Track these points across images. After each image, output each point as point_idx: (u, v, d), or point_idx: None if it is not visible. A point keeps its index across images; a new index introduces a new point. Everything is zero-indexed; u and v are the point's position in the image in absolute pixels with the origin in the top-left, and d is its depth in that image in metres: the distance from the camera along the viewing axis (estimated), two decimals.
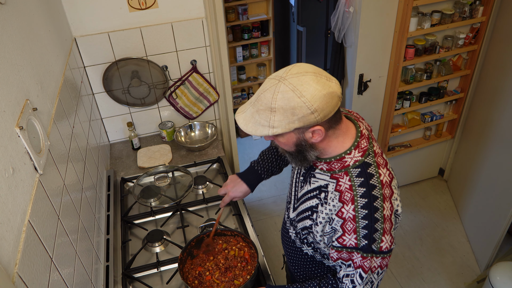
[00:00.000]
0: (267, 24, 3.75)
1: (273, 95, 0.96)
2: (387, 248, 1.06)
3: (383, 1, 2.35)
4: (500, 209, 2.40)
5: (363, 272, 1.07)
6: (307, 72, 0.97)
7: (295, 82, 0.95)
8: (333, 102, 0.97)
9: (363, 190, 1.05)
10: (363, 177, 1.06)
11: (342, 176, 1.08)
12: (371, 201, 1.04)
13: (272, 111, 0.96)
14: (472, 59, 2.72)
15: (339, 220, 1.06)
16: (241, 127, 1.03)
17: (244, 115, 1.03)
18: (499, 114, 2.49)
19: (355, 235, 1.04)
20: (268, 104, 0.97)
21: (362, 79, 2.63)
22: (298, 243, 1.32)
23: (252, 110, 1.01)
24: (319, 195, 1.13)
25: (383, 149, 2.95)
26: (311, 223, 1.18)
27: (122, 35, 2.10)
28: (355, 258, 1.06)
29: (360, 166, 1.07)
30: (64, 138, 1.39)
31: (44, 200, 1.05)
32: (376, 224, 1.04)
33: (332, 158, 1.09)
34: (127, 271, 1.59)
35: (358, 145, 1.08)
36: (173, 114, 2.42)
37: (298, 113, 0.95)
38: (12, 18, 1.11)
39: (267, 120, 0.98)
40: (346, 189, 1.06)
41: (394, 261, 2.74)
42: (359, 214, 1.04)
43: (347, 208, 1.05)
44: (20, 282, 0.81)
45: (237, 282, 1.42)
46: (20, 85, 1.06)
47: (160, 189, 1.99)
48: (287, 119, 0.96)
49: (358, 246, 1.05)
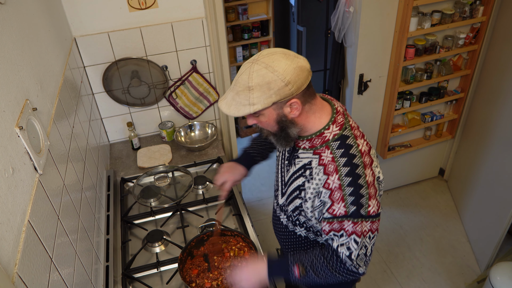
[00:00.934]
0: (267, 24, 3.75)
1: (249, 75, 1.05)
2: (375, 212, 1.15)
3: (383, 1, 2.35)
4: (501, 209, 2.40)
5: (357, 237, 1.14)
6: (276, 52, 1.08)
7: (266, 61, 1.05)
8: (303, 74, 1.06)
9: (345, 159, 1.13)
10: (343, 148, 1.15)
11: (323, 151, 1.17)
12: (353, 169, 1.12)
13: (250, 89, 1.05)
14: (472, 59, 2.72)
15: (327, 192, 1.14)
16: (224, 111, 1.11)
17: (225, 101, 1.11)
18: (499, 114, 2.49)
19: (343, 203, 1.12)
20: (245, 84, 1.06)
21: (362, 79, 2.62)
22: (291, 226, 1.37)
23: (232, 94, 1.09)
24: (304, 173, 1.21)
25: (383, 149, 2.95)
26: (300, 201, 1.25)
27: (122, 35, 2.10)
28: (347, 226, 1.14)
29: (339, 138, 1.16)
30: (64, 138, 1.39)
31: (44, 200, 1.05)
32: (361, 190, 1.12)
33: (313, 134, 1.18)
34: (127, 271, 1.59)
35: (335, 120, 1.18)
36: (173, 114, 2.42)
37: (273, 87, 1.04)
38: (12, 18, 1.11)
39: (246, 99, 1.06)
40: (329, 162, 1.15)
41: (394, 261, 2.75)
42: (344, 182, 1.12)
43: (332, 178, 1.13)
44: (20, 282, 0.81)
45: None
46: (20, 85, 1.06)
47: (160, 189, 1.98)
48: (265, 94, 1.05)
49: (347, 214, 1.12)
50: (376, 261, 2.76)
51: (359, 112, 2.75)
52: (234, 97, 1.09)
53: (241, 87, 1.07)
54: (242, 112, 1.08)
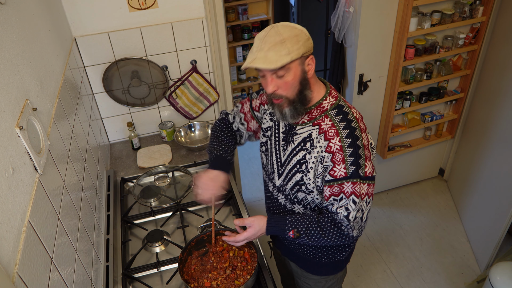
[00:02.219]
0: (267, 24, 3.76)
1: (277, 32, 1.14)
2: (371, 174, 1.24)
3: (383, 1, 2.35)
4: (500, 209, 2.40)
5: (355, 197, 1.22)
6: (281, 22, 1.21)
7: (284, 23, 1.18)
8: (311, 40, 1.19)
9: (344, 123, 1.23)
10: (341, 114, 1.25)
11: (323, 120, 1.26)
12: (352, 131, 1.22)
13: (283, 42, 1.13)
14: (472, 59, 2.72)
15: (329, 155, 1.22)
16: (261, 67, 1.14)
17: (259, 59, 1.15)
18: (499, 114, 2.49)
19: (343, 165, 1.21)
20: (277, 39, 1.13)
21: (362, 79, 2.63)
22: (289, 205, 1.42)
23: (264, 52, 1.14)
24: (304, 146, 1.29)
25: (383, 149, 2.95)
26: (301, 175, 1.31)
27: (122, 35, 2.10)
28: (346, 187, 1.22)
29: (336, 107, 1.27)
30: (64, 138, 1.39)
31: (44, 200, 1.05)
32: (359, 151, 1.21)
33: (312, 106, 1.27)
34: (127, 271, 1.59)
35: (330, 93, 1.29)
36: (173, 114, 2.42)
37: (301, 39, 1.15)
38: (12, 18, 1.11)
39: (282, 49, 1.13)
40: (329, 128, 1.24)
41: (394, 261, 2.75)
42: (344, 144, 1.21)
43: (333, 141, 1.22)
44: (20, 282, 0.81)
45: (238, 283, 1.42)
46: (20, 85, 1.06)
47: (160, 189, 1.99)
48: (296, 45, 1.14)
49: (347, 175, 1.21)
50: (376, 261, 2.76)
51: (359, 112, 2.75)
52: (266, 54, 1.13)
53: (272, 43, 1.13)
54: (281, 62, 1.12)
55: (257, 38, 1.18)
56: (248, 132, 1.55)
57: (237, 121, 1.55)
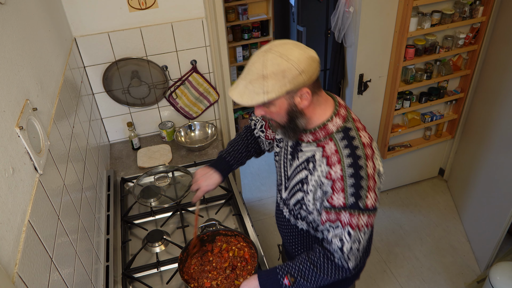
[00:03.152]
0: (267, 24, 3.75)
1: (263, 64, 1.05)
2: (372, 206, 1.16)
3: (383, 1, 2.35)
4: (500, 209, 2.40)
5: (351, 229, 1.15)
6: (288, 42, 1.10)
7: (280, 50, 1.06)
8: (314, 65, 1.08)
9: (348, 151, 1.15)
10: (346, 139, 1.16)
11: (327, 143, 1.18)
12: (355, 160, 1.14)
13: (265, 78, 1.05)
14: (472, 59, 2.72)
15: (329, 182, 1.16)
16: (236, 100, 1.09)
17: (237, 90, 1.10)
18: (499, 114, 2.49)
19: (343, 194, 1.14)
20: (259, 73, 1.05)
21: (362, 79, 2.63)
22: (293, 220, 1.39)
23: (244, 82, 1.08)
24: (307, 166, 1.23)
25: (383, 149, 2.95)
26: (302, 195, 1.27)
27: (122, 35, 2.10)
28: (343, 217, 1.15)
29: (342, 130, 1.18)
30: (64, 138, 1.39)
31: (44, 200, 1.05)
32: (362, 181, 1.13)
33: (316, 127, 1.19)
34: (127, 271, 1.59)
35: (338, 113, 1.19)
36: (173, 114, 2.42)
37: (288, 75, 1.04)
38: (12, 18, 1.11)
39: (261, 87, 1.05)
40: (332, 153, 1.16)
41: (394, 261, 2.75)
42: (346, 173, 1.13)
43: (334, 169, 1.14)
44: (20, 282, 0.81)
45: (238, 283, 1.42)
46: (20, 85, 1.06)
47: (160, 189, 1.99)
48: (279, 83, 1.05)
49: (346, 205, 1.14)
50: (376, 261, 2.76)
51: (359, 112, 2.75)
52: (246, 86, 1.08)
53: (254, 76, 1.06)
54: (256, 101, 1.07)
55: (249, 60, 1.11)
56: (267, 140, 1.53)
57: (258, 128, 1.54)
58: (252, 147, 1.56)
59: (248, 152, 1.56)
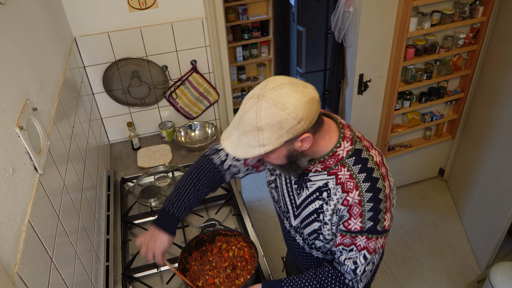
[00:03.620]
0: (267, 24, 3.76)
1: (257, 114, 0.95)
2: (389, 226, 1.12)
3: (383, 1, 2.35)
4: (500, 209, 2.40)
5: (368, 253, 1.11)
6: (284, 84, 0.97)
7: (275, 97, 0.95)
8: (314, 107, 0.98)
9: (364, 175, 1.08)
10: (360, 163, 1.09)
11: (339, 169, 1.10)
12: (373, 183, 1.08)
13: (259, 130, 0.95)
14: (472, 59, 2.72)
15: (345, 208, 1.10)
16: (230, 153, 1.01)
17: (230, 140, 1.01)
18: (499, 114, 2.49)
19: (360, 219, 1.08)
20: (253, 124, 0.95)
21: (362, 79, 2.63)
22: (307, 249, 1.32)
23: (238, 133, 0.99)
24: (321, 196, 1.15)
25: (383, 149, 2.95)
26: (319, 224, 1.19)
27: (122, 35, 2.10)
28: (359, 241, 1.10)
29: (353, 154, 1.10)
30: (64, 138, 1.39)
31: (44, 200, 1.05)
32: (380, 205, 1.08)
33: (325, 155, 1.11)
34: (127, 271, 1.59)
35: (344, 136, 1.11)
36: (173, 114, 2.42)
37: (285, 126, 0.95)
38: (12, 18, 1.11)
39: (256, 140, 0.96)
40: (346, 179, 1.09)
41: (394, 261, 2.75)
42: (364, 198, 1.07)
43: (352, 195, 1.08)
44: (20, 282, 0.81)
45: (238, 282, 1.42)
46: (20, 85, 1.06)
47: (160, 189, 1.99)
48: (276, 134, 0.95)
49: (363, 229, 1.08)
50: None
51: (359, 112, 2.76)
52: (240, 138, 0.98)
53: (248, 127, 0.96)
54: (252, 154, 0.98)
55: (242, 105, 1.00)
56: (246, 167, 1.36)
57: (230, 158, 1.35)
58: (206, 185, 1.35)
59: (200, 193, 1.35)
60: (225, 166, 1.35)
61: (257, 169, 1.38)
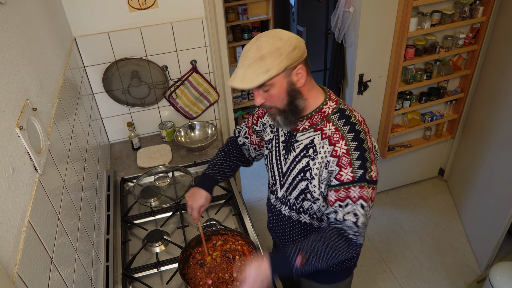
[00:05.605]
0: (267, 24, 3.76)
1: (258, 47, 1.11)
2: (376, 177, 1.22)
3: (383, 1, 2.35)
4: (500, 209, 2.40)
5: (364, 201, 1.19)
6: (274, 29, 1.18)
7: (270, 33, 1.13)
8: (302, 43, 1.15)
9: (348, 127, 1.21)
10: (343, 118, 1.23)
11: (325, 125, 1.23)
12: (357, 134, 1.20)
13: (262, 58, 1.09)
14: (472, 59, 2.72)
15: (334, 159, 1.19)
16: (238, 86, 1.12)
17: (237, 78, 1.13)
18: (499, 114, 2.49)
19: (350, 168, 1.17)
20: (256, 55, 1.10)
21: (362, 79, 2.63)
22: (295, 215, 1.39)
23: (243, 69, 1.12)
24: (307, 153, 1.26)
25: (383, 149, 2.95)
26: (306, 183, 1.28)
27: (122, 35, 2.10)
28: (353, 192, 1.18)
29: (338, 111, 1.24)
30: (64, 138, 1.39)
31: (44, 200, 1.05)
32: (366, 154, 1.19)
33: (313, 112, 1.24)
34: (127, 271, 1.59)
35: (330, 97, 1.27)
36: (173, 114, 2.42)
37: (283, 52, 1.09)
38: (12, 18, 1.11)
39: (260, 67, 1.10)
40: (332, 133, 1.21)
41: (394, 261, 2.75)
42: (351, 147, 1.18)
43: (339, 145, 1.19)
44: (20, 282, 0.81)
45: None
46: (20, 85, 1.06)
47: (160, 189, 1.99)
48: (277, 60, 1.09)
49: (354, 179, 1.17)
50: (376, 261, 2.76)
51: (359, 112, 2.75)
52: (246, 71, 1.11)
53: (251, 59, 1.10)
54: (258, 81, 1.10)
55: (242, 52, 1.17)
56: (252, 146, 1.54)
57: (242, 135, 1.56)
58: (235, 156, 1.56)
59: (231, 162, 1.55)
60: (240, 142, 1.57)
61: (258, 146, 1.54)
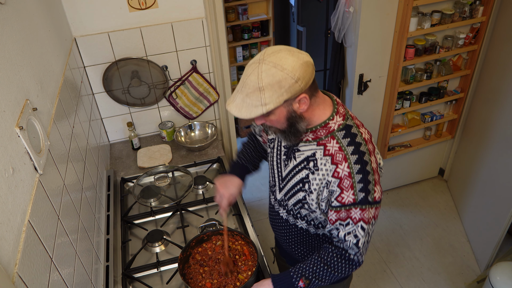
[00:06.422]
0: (267, 24, 3.75)
1: (258, 76, 1.05)
2: (379, 198, 1.19)
3: (383, 1, 2.35)
4: (500, 209, 2.40)
5: (364, 223, 1.17)
6: (281, 50, 1.08)
7: (274, 60, 1.06)
8: (309, 70, 1.08)
9: (352, 148, 1.16)
10: (349, 137, 1.18)
11: (329, 141, 1.19)
12: (361, 156, 1.16)
13: (261, 90, 1.05)
14: (472, 59, 2.72)
15: (336, 180, 1.16)
16: (235, 114, 1.10)
17: (235, 103, 1.10)
18: (499, 114, 2.49)
19: (352, 191, 1.15)
20: (255, 86, 1.05)
21: (362, 79, 2.63)
22: (292, 220, 1.38)
23: (241, 96, 1.08)
24: (307, 165, 1.22)
25: (383, 149, 2.95)
26: (304, 194, 1.26)
27: (122, 35, 2.10)
28: (354, 214, 1.17)
29: (344, 128, 1.19)
30: (64, 138, 1.39)
31: (44, 200, 1.05)
32: (369, 176, 1.16)
33: (318, 126, 1.19)
34: (127, 271, 1.59)
35: (337, 111, 1.21)
36: (173, 114, 2.42)
37: (284, 85, 1.04)
38: (12, 18, 1.11)
39: (258, 99, 1.06)
40: (336, 151, 1.17)
41: (394, 261, 2.75)
42: (353, 170, 1.15)
43: (341, 167, 1.16)
44: (20, 282, 0.81)
45: (241, 277, 1.42)
46: (20, 85, 1.06)
47: (160, 189, 1.99)
48: (276, 93, 1.05)
49: (356, 201, 1.15)
50: (376, 261, 2.76)
51: (359, 112, 2.75)
52: (244, 99, 1.08)
53: (251, 89, 1.06)
54: (255, 114, 1.07)
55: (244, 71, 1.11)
56: (265, 144, 1.54)
57: (257, 132, 1.56)
58: (261, 148, 1.57)
59: (258, 153, 1.57)
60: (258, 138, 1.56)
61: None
